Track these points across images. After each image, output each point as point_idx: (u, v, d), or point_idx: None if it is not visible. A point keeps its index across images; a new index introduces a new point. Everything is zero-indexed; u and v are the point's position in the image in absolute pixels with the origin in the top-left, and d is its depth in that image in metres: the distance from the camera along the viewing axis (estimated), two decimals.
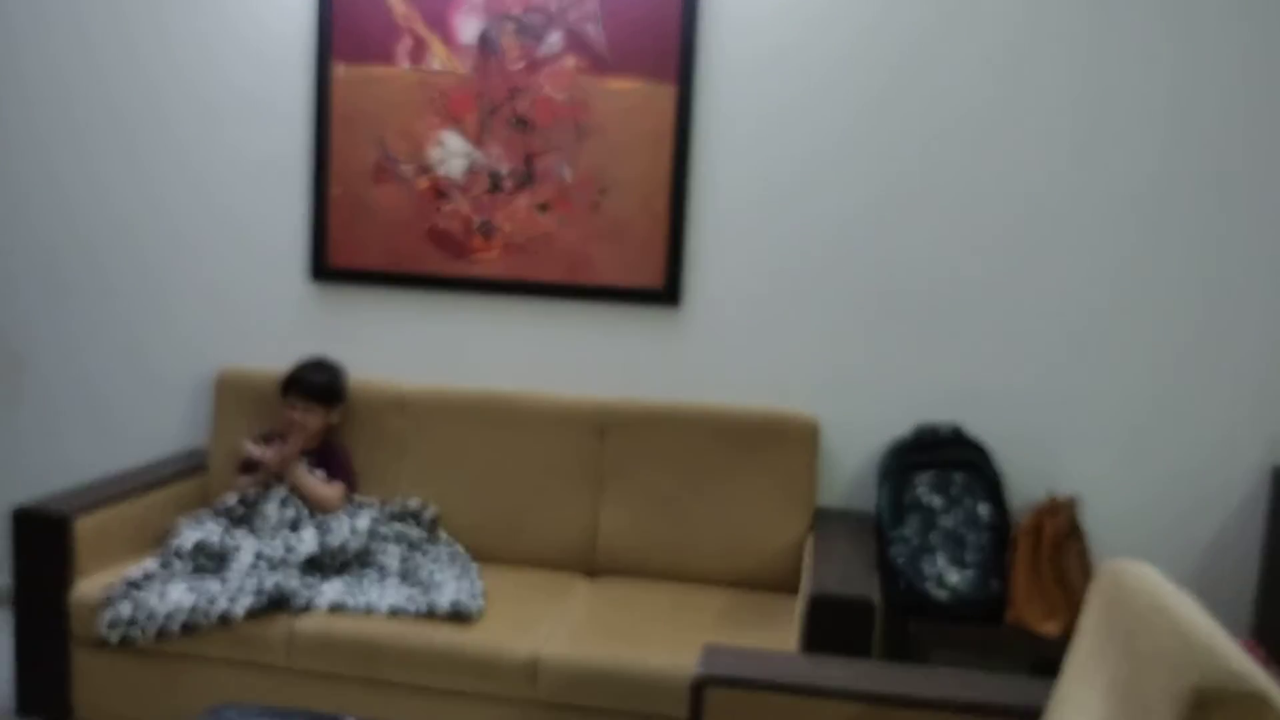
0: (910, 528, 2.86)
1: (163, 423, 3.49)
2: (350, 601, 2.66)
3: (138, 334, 3.48)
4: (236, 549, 2.80)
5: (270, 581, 2.66)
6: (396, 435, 3.20)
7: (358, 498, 3.13)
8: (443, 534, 3.09)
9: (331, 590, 2.71)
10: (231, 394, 3.28)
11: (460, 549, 3.04)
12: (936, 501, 2.88)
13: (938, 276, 3.07)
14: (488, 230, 3.25)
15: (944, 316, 3.08)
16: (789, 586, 2.96)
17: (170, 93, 3.39)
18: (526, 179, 3.22)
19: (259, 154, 3.36)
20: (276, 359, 3.26)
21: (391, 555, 2.91)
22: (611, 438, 3.10)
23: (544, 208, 3.22)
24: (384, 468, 3.19)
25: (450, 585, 2.74)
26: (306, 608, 2.65)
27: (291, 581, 2.68)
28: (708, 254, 3.16)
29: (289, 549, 2.79)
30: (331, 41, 3.25)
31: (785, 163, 3.11)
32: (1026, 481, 3.04)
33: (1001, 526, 2.87)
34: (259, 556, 2.76)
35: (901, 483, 2.93)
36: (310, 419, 3.08)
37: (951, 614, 2.75)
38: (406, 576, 2.81)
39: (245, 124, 3.36)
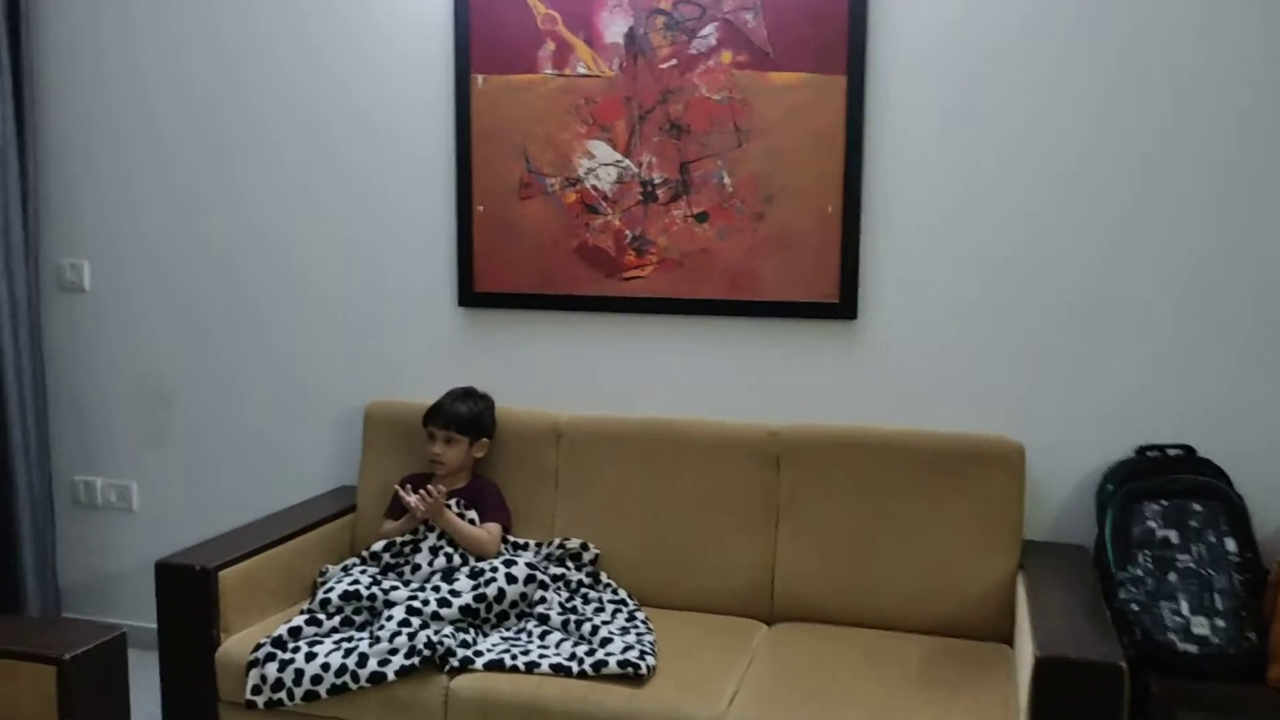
0: (1141, 567, 2.47)
1: (311, 460, 3.34)
2: (510, 659, 2.42)
3: (285, 368, 3.35)
4: (387, 601, 2.60)
5: (423, 638, 2.44)
6: (551, 469, 2.96)
7: (512, 538, 2.90)
8: (604, 577, 2.84)
9: (489, 646, 2.48)
10: (380, 429, 3.10)
11: (624, 594, 2.78)
12: (1172, 536, 2.48)
13: (1156, 279, 2.67)
14: (641, 245, 3.00)
15: (1166, 323, 2.68)
16: (996, 633, 2.60)
17: (312, 123, 3.24)
18: (682, 188, 2.95)
19: (401, 177, 3.18)
20: (426, 391, 3.06)
21: (552, 603, 2.67)
22: (788, 467, 2.79)
23: (702, 219, 2.94)
24: (538, 505, 2.96)
25: (618, 639, 2.47)
26: (463, 667, 2.42)
27: (446, 638, 2.46)
28: (887, 262, 2.83)
29: (442, 601, 2.57)
30: (470, 52, 3.04)
31: (972, 157, 2.76)
32: (1275, 512, 2.61)
33: (1254, 566, 2.45)
34: (410, 610, 2.54)
35: (1126, 514, 2.54)
36: (452, 452, 2.87)
37: (1201, 671, 2.34)
38: (569, 628, 2.56)
39: (385, 148, 3.19)
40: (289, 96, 3.25)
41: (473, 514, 2.86)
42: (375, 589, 2.64)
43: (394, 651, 2.44)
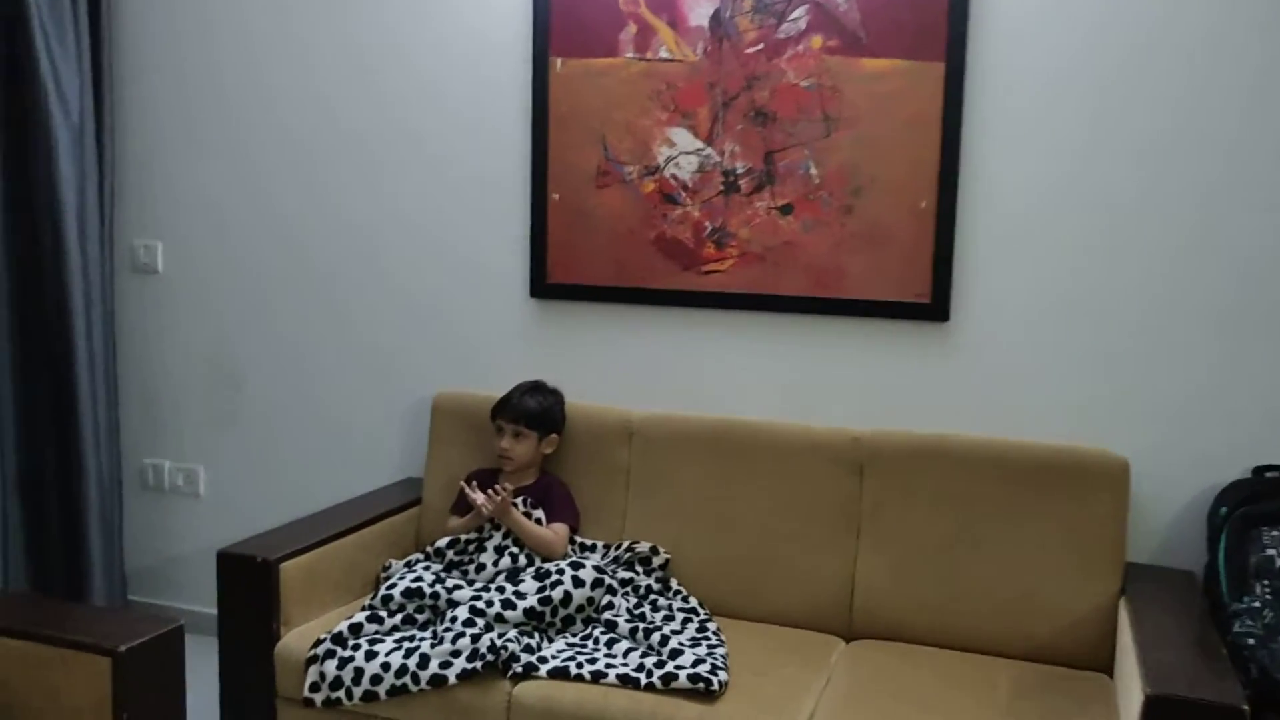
0: (1259, 598, 2.28)
1: (379, 449, 3.28)
2: (575, 667, 2.31)
3: (356, 354, 3.28)
4: (450, 600, 2.51)
5: (487, 641, 2.35)
6: (622, 469, 2.85)
7: (580, 539, 2.80)
8: (674, 583, 2.72)
9: (554, 653, 2.38)
10: (448, 420, 3.02)
11: (695, 602, 2.66)
12: None
13: None
14: (722, 238, 2.87)
15: None
16: (1093, 662, 2.43)
17: (385, 106, 3.17)
18: (766, 179, 2.81)
19: (475, 163, 3.09)
20: (495, 383, 2.96)
21: (619, 609, 2.56)
22: (871, 475, 2.65)
23: (787, 211, 2.81)
24: (607, 505, 2.85)
25: (689, 650, 2.35)
26: (526, 673, 2.32)
27: (510, 641, 2.36)
28: (982, 261, 2.67)
29: (507, 602, 2.47)
30: (549, 34, 2.94)
31: (1078, 149, 2.58)
32: None
33: None
34: (474, 611, 2.45)
35: (1243, 540, 2.35)
36: (520, 447, 2.77)
37: None
38: (637, 636, 2.45)
39: (460, 133, 3.10)
40: (362, 78, 3.17)
41: (540, 513, 2.76)
42: (439, 587, 2.55)
43: (456, 654, 2.35)
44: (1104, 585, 2.45)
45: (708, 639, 2.46)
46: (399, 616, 2.51)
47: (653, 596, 2.66)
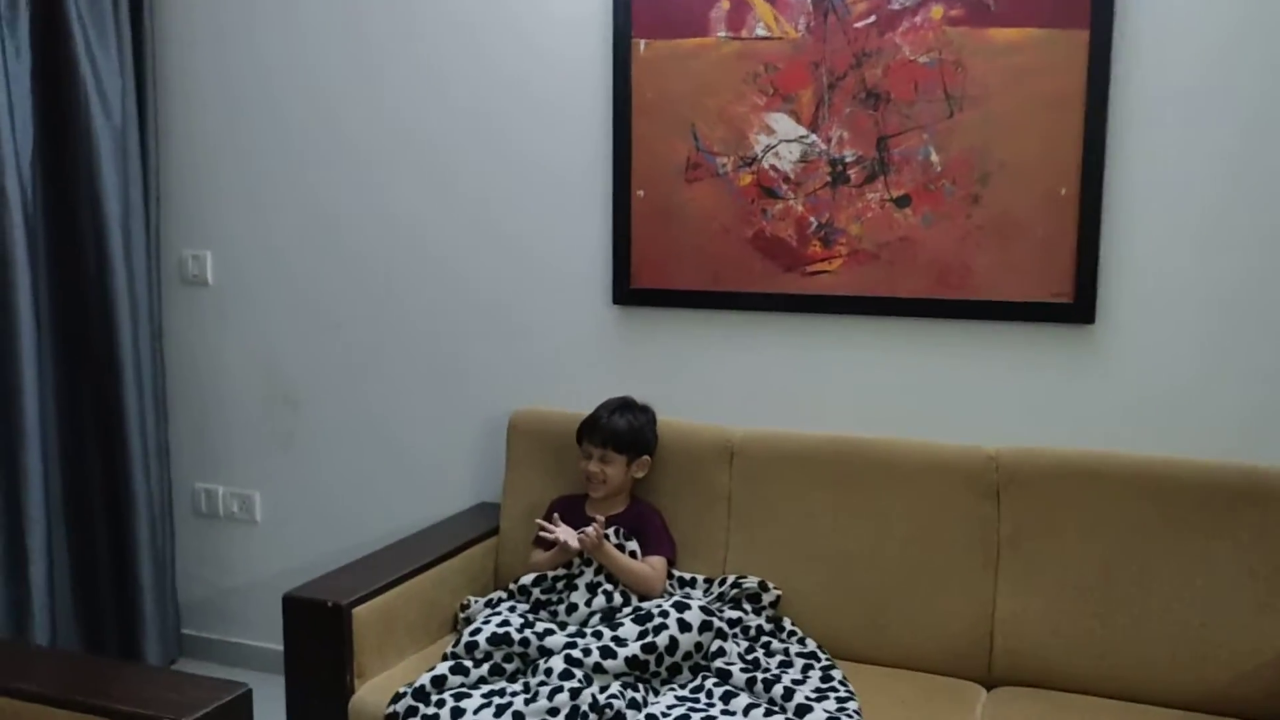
0: None
1: (449, 472, 3.02)
2: None
3: (421, 371, 3.03)
4: (542, 648, 2.24)
5: (588, 698, 2.08)
6: (722, 493, 2.57)
7: (678, 573, 2.52)
8: (788, 623, 2.43)
9: (665, 710, 2.10)
10: (526, 441, 2.75)
11: (813, 644, 2.38)
12: None
13: None
14: (829, 234, 2.57)
15: None
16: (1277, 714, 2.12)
17: (451, 100, 2.91)
18: (879, 168, 2.52)
19: (551, 158, 2.82)
20: (577, 400, 2.70)
21: (731, 655, 2.28)
22: (1010, 499, 2.35)
23: (903, 203, 2.51)
24: (707, 535, 2.57)
25: (818, 708, 2.07)
26: None
27: (615, 698, 2.09)
28: (1134, 253, 2.36)
29: (606, 650, 2.20)
30: (630, 12, 2.66)
31: (1248, 126, 2.27)
32: None
33: None
34: (569, 661, 2.18)
35: None
36: (611, 471, 2.50)
37: None
38: (755, 689, 2.16)
39: (534, 126, 2.83)
40: (425, 69, 2.91)
41: (633, 544, 2.49)
42: (528, 632, 2.28)
43: (554, 712, 2.07)
44: None
45: (835, 691, 2.18)
46: (486, 666, 2.24)
47: (764, 639, 2.38)
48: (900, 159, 2.50)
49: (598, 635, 2.26)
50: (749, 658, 2.30)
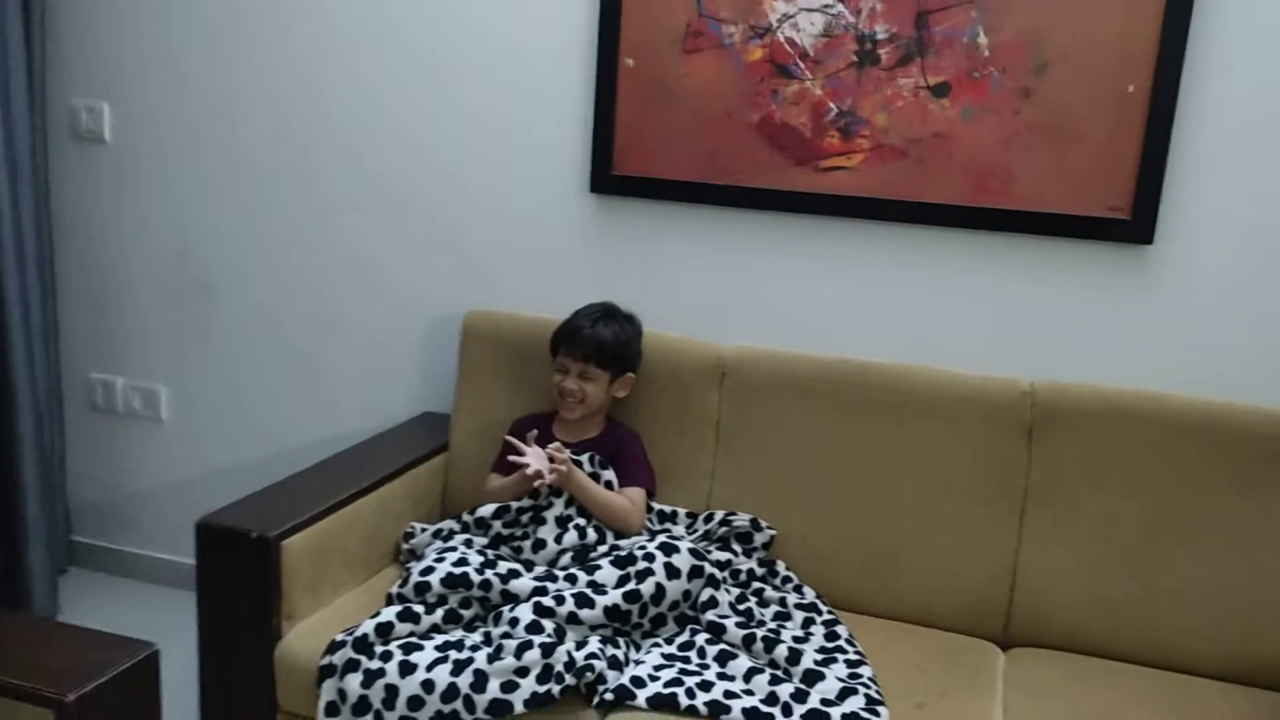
0: None
1: (388, 378, 2.64)
2: (685, 696, 1.74)
3: (360, 261, 2.62)
4: (506, 592, 1.92)
5: (563, 655, 1.76)
6: (709, 418, 2.25)
7: (658, 505, 2.21)
8: (782, 567, 2.14)
9: (652, 671, 1.80)
10: (483, 346, 2.38)
11: (812, 594, 2.09)
12: None
13: None
14: (850, 124, 2.22)
15: None
16: None
17: None
18: (916, 48, 2.16)
19: (519, 15, 2.38)
20: (543, 302, 2.34)
21: (723, 605, 1.98)
22: (1044, 440, 2.07)
23: (942, 92, 2.16)
24: (690, 464, 2.25)
25: (830, 674, 1.79)
26: (619, 700, 1.75)
27: (595, 657, 1.78)
28: (1206, 166, 2.05)
29: (582, 598, 1.88)
30: None
31: None
32: None
33: None
34: (539, 610, 1.86)
35: None
36: (591, 389, 2.16)
37: None
38: (754, 648, 1.87)
39: None
40: None
41: (610, 474, 2.16)
42: (490, 573, 1.95)
43: (523, 671, 1.76)
44: None
45: (842, 651, 1.90)
46: (439, 612, 1.91)
47: (755, 584, 2.09)
48: (942, 39, 2.13)
49: (571, 579, 1.94)
50: (741, 607, 2.01)
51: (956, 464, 2.09)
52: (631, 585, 1.91)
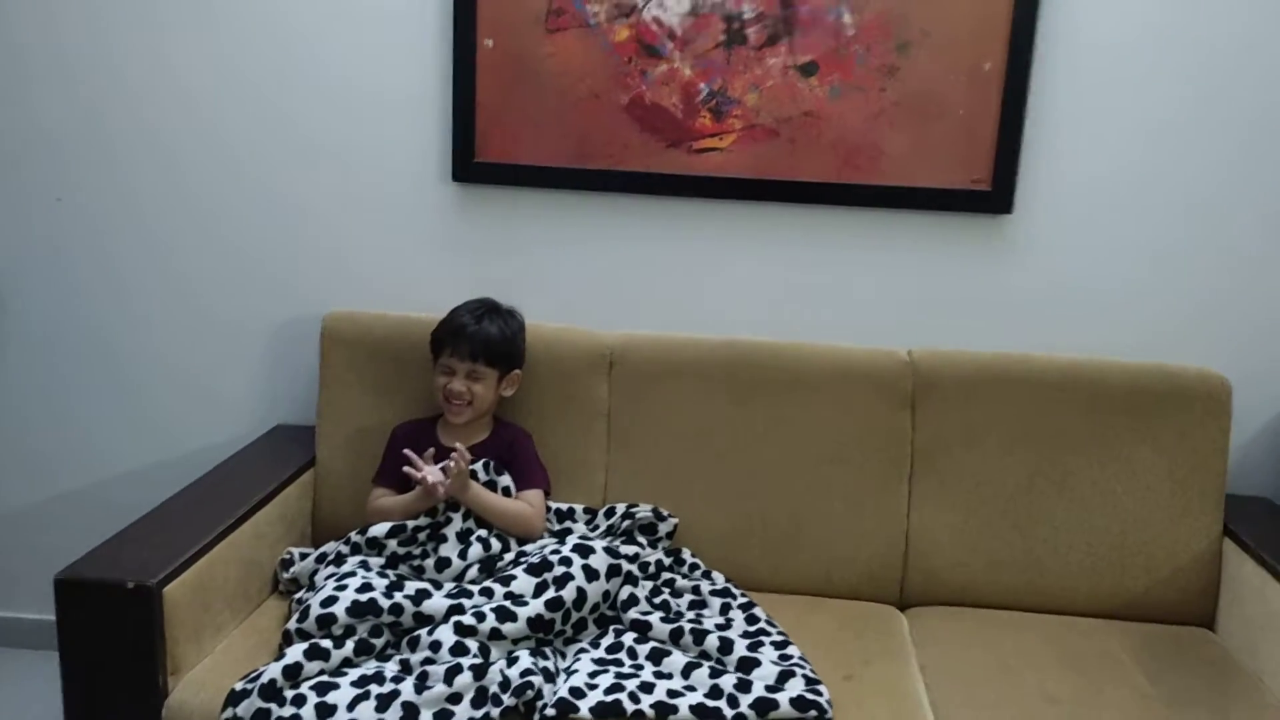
0: None
1: (229, 390, 2.42)
2: (629, 701, 1.69)
3: (192, 262, 2.38)
4: (420, 614, 1.80)
5: (496, 674, 1.68)
6: (599, 410, 2.19)
7: (554, 504, 2.14)
8: (687, 554, 2.13)
9: (588, 677, 1.74)
10: (346, 350, 2.22)
11: (721, 578, 2.09)
12: None
13: None
14: (721, 105, 2.20)
15: None
16: (1194, 616, 2.09)
17: None
18: (783, 28, 2.16)
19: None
20: (408, 300, 2.22)
21: (642, 602, 1.94)
22: (926, 407, 2.14)
23: (809, 71, 2.18)
24: (583, 459, 2.19)
25: (764, 659, 1.78)
26: (562, 714, 1.67)
27: (531, 673, 1.70)
28: (1059, 138, 2.17)
29: (503, 612, 1.79)
30: None
31: (1186, 3, 2.10)
32: None
33: None
34: (460, 629, 1.76)
35: None
36: (480, 390, 2.06)
37: None
38: (682, 641, 1.85)
39: None
40: None
41: (506, 479, 2.07)
42: (399, 596, 1.82)
43: (455, 698, 1.66)
44: (1203, 528, 2.09)
45: (766, 634, 1.91)
46: (350, 644, 1.77)
47: (665, 575, 2.06)
48: (808, 18, 2.15)
49: (487, 593, 1.84)
50: (656, 601, 1.98)
51: (847, 436, 2.14)
52: (551, 592, 1.84)
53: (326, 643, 1.75)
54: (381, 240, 2.32)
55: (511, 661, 1.73)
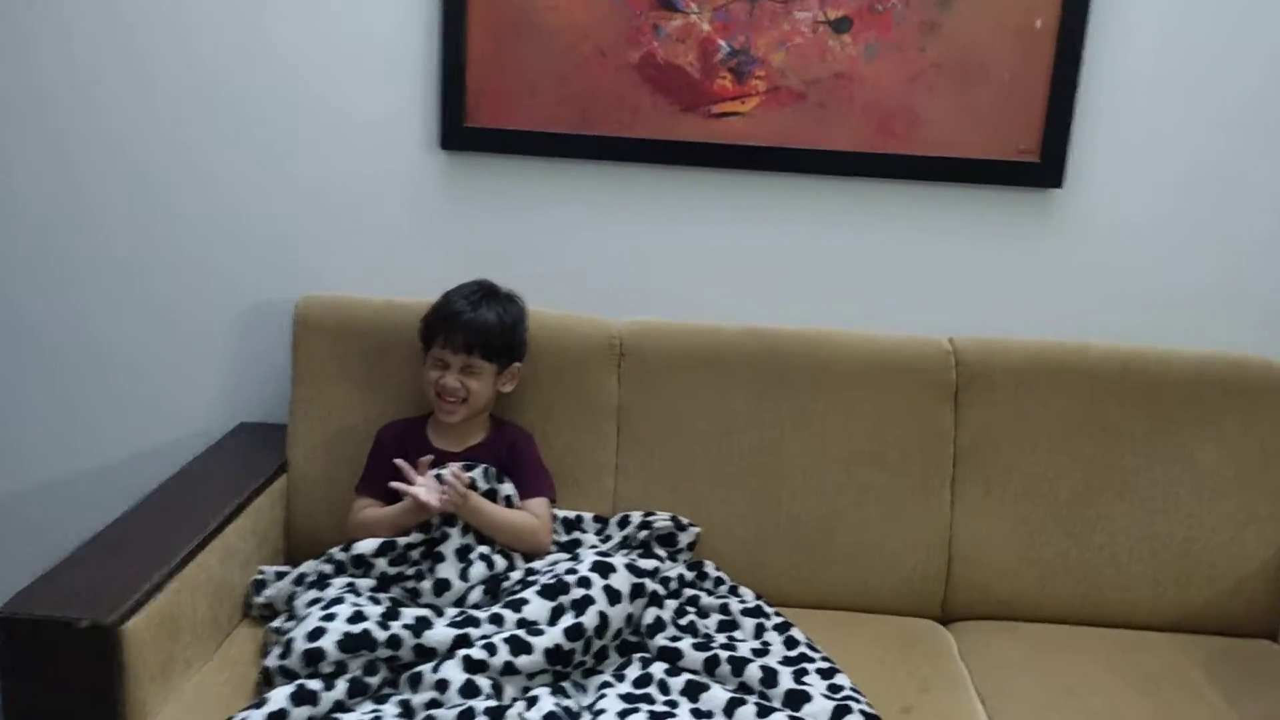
0: None
1: (190, 386, 2.16)
2: None
3: (140, 238, 2.10)
4: (421, 647, 1.57)
5: (514, 718, 1.45)
6: (608, 405, 1.97)
7: (561, 513, 1.91)
8: (710, 567, 1.91)
9: (617, 717, 1.52)
10: (323, 339, 1.97)
11: (750, 594, 1.88)
12: None
13: None
14: (743, 64, 1.97)
15: None
16: (1260, 627, 1.93)
17: None
18: None
19: None
20: (391, 283, 1.98)
21: (668, 626, 1.72)
22: (970, 402, 1.95)
23: (842, 28, 1.96)
24: (590, 460, 1.97)
25: (815, 692, 1.57)
26: None
27: (553, 715, 1.47)
28: (1118, 105, 1.97)
29: (516, 641, 1.56)
30: None
31: None
32: None
33: None
34: (470, 665, 1.53)
35: None
36: (476, 385, 1.82)
37: None
38: (718, 671, 1.63)
39: None
40: None
41: (508, 487, 1.83)
42: (397, 627, 1.59)
43: None
44: (1273, 530, 1.93)
45: (809, 660, 1.70)
46: (342, 685, 1.53)
47: (688, 592, 1.84)
48: None
49: (496, 621, 1.62)
50: (682, 622, 1.76)
51: (883, 433, 1.94)
52: (570, 618, 1.62)
53: (314, 684, 1.51)
54: (361, 216, 2.06)
55: (531, 702, 1.50)
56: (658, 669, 1.63)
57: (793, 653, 1.72)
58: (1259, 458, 1.92)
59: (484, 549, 1.76)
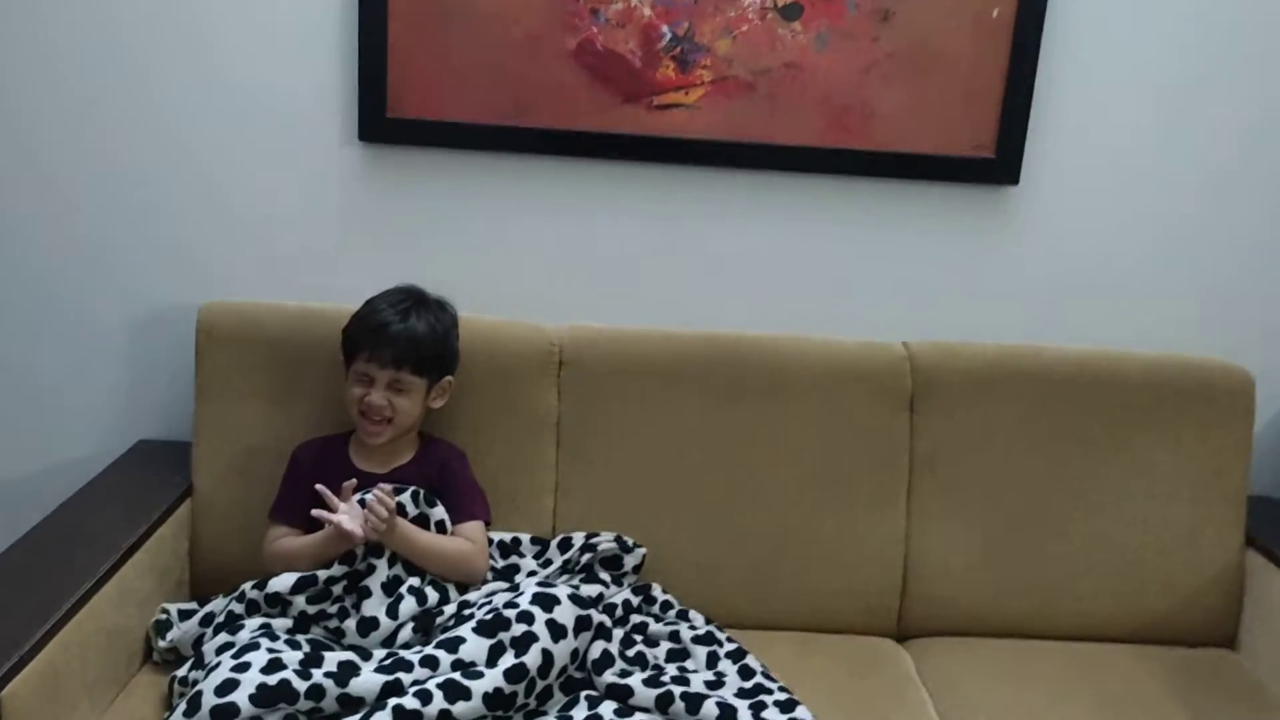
0: None
1: (81, 401, 1.96)
2: None
3: (23, 238, 1.88)
4: (348, 696, 1.42)
5: None
6: (547, 418, 1.84)
7: (496, 536, 1.77)
8: (657, 590, 1.80)
9: None
10: (230, 350, 1.80)
11: (700, 619, 1.77)
12: None
13: None
14: (687, 52, 1.85)
15: None
16: (1215, 637, 1.88)
17: None
18: None
19: None
20: (301, 287, 1.82)
21: (616, 661, 1.60)
22: (926, 410, 1.86)
23: (791, 14, 1.84)
24: (527, 478, 1.83)
25: None
26: None
27: None
28: (1074, 98, 1.89)
29: (452, 686, 1.42)
30: None
31: None
32: None
33: None
34: (400, 715, 1.39)
35: None
36: (404, 403, 1.67)
37: None
38: (672, 710, 1.51)
39: None
40: None
41: (439, 511, 1.69)
42: (319, 675, 1.43)
43: None
44: (1228, 536, 1.88)
45: (765, 690, 1.59)
46: None
47: (636, 618, 1.72)
48: None
49: (430, 664, 1.47)
50: (630, 653, 1.64)
51: (837, 445, 1.84)
52: (510, 659, 1.48)
53: None
54: (271, 214, 1.89)
55: None
56: (607, 709, 1.51)
57: (748, 684, 1.61)
58: (1215, 462, 1.87)
59: (414, 581, 1.62)
